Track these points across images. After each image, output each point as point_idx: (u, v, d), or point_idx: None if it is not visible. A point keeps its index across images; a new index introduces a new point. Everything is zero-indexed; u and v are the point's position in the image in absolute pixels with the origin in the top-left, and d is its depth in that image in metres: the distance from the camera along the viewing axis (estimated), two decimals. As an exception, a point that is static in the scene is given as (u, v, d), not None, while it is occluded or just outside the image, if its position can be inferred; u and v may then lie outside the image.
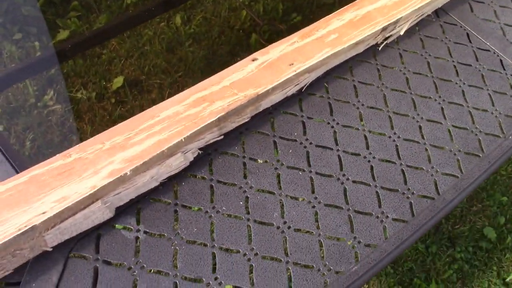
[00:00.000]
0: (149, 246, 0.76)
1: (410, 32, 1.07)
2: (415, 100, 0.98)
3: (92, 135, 1.93)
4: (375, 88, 0.98)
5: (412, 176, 0.89)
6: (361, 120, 0.94)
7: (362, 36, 0.95)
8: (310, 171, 0.87)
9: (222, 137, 0.85)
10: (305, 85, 0.94)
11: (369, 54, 1.02)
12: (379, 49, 1.03)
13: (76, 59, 2.08)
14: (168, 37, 2.19)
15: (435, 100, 0.99)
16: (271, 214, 0.81)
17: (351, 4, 1.00)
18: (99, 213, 0.73)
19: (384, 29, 0.98)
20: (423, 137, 0.94)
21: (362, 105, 0.96)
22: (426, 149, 0.93)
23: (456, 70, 1.05)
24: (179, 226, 0.78)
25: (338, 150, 0.90)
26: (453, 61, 1.05)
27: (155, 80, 2.07)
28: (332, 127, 0.92)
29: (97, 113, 1.97)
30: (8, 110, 1.92)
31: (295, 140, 0.89)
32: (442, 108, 0.98)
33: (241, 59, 2.15)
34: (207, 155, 0.85)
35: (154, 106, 0.81)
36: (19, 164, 0.79)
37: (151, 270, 0.74)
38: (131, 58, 2.12)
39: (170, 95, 2.08)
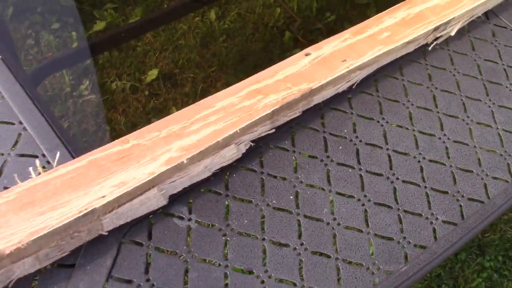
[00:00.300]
0: (200, 235, 0.76)
1: (460, 33, 1.06)
2: (465, 102, 0.97)
3: (125, 126, 1.95)
4: (425, 88, 0.97)
5: (462, 179, 0.88)
6: (411, 119, 0.93)
7: (414, 35, 0.94)
8: (360, 169, 0.86)
9: (273, 130, 0.85)
10: (356, 82, 0.93)
11: (419, 54, 1.01)
12: (429, 49, 1.02)
13: (112, 50, 2.10)
14: (202, 32, 2.20)
15: (485, 103, 0.98)
16: (321, 210, 0.81)
17: (403, 2, 0.99)
18: (154, 200, 0.73)
19: (436, 29, 0.97)
20: (473, 140, 0.93)
21: (412, 104, 0.95)
22: (476, 152, 0.92)
23: (506, 74, 1.03)
24: (230, 217, 0.78)
25: (387, 149, 0.89)
26: (503, 64, 1.04)
27: (188, 74, 2.08)
28: (382, 125, 0.91)
29: (131, 104, 1.99)
30: (45, 98, 1.94)
31: (345, 137, 0.89)
32: (492, 112, 0.97)
33: (274, 56, 2.14)
34: (258, 148, 0.85)
35: (209, 97, 0.81)
36: (74, 150, 0.80)
37: (202, 260, 0.74)
38: (166, 52, 2.13)
39: (203, 89, 2.10)
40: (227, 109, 0.79)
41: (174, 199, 0.78)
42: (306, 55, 0.88)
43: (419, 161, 0.89)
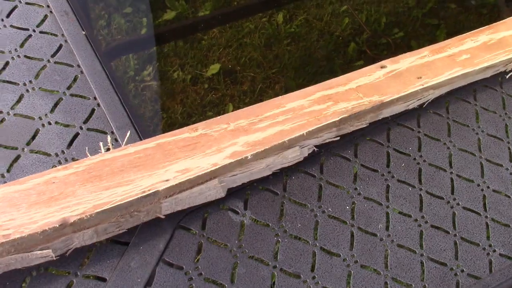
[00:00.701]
0: (253, 232, 0.76)
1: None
2: (536, 135, 0.94)
3: (181, 115, 1.98)
4: (498, 116, 0.95)
5: (526, 214, 0.85)
6: (479, 146, 0.91)
7: (494, 61, 0.91)
8: (421, 189, 0.84)
9: (338, 138, 0.84)
10: (427, 101, 0.91)
11: (495, 81, 0.98)
12: (507, 77, 0.99)
13: (178, 41, 2.14)
14: (268, 33, 2.21)
15: None
16: (376, 225, 0.80)
17: (487, 26, 0.97)
18: (213, 190, 0.74)
19: (518, 57, 0.94)
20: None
21: (482, 131, 0.92)
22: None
23: None
24: (284, 219, 0.78)
25: (451, 172, 0.87)
26: None
27: (249, 73, 2.09)
28: (448, 148, 0.89)
29: (189, 95, 2.02)
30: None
31: (409, 155, 0.87)
32: None
33: (335, 65, 2.12)
34: (321, 154, 0.85)
35: (280, 96, 0.82)
36: (141, 131, 0.81)
37: (252, 256, 0.74)
38: (230, 48, 2.15)
39: (261, 89, 2.11)
40: (297, 111, 0.79)
41: (232, 192, 0.78)
42: (382, 67, 0.87)
43: (482, 190, 0.86)
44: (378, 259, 0.77)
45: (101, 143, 0.75)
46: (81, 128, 0.80)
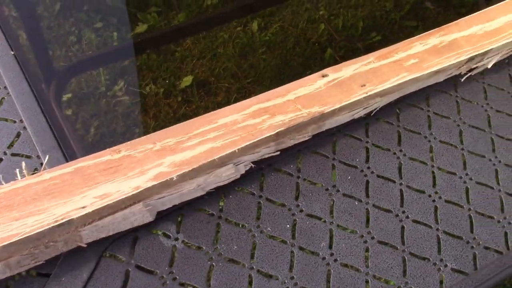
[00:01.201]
0: (185, 257, 0.72)
1: (498, 66, 0.98)
2: (495, 141, 0.89)
3: (154, 130, 1.94)
4: (452, 122, 0.90)
5: (480, 225, 0.81)
6: (431, 154, 0.86)
7: (445, 64, 0.87)
8: (367, 203, 0.80)
9: (278, 153, 0.80)
10: (375, 109, 0.87)
11: (450, 85, 0.94)
12: (462, 80, 0.95)
13: (150, 53, 2.11)
14: (242, 42, 2.17)
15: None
16: (318, 243, 0.76)
17: (437, 29, 0.93)
18: (139, 215, 0.70)
19: (470, 59, 0.90)
20: (498, 183, 0.85)
21: (435, 138, 0.88)
22: (500, 197, 0.84)
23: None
24: (220, 241, 0.74)
25: (401, 184, 0.82)
26: (546, 103, 0.95)
27: (223, 84, 2.05)
28: (398, 158, 0.85)
29: (162, 109, 1.98)
30: (79, 95, 1.96)
31: (356, 167, 0.83)
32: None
33: (313, 72, 2.09)
34: (260, 170, 0.80)
35: (212, 112, 0.78)
36: (71, 154, 0.77)
37: (183, 283, 0.70)
38: (203, 59, 2.11)
39: (236, 100, 2.07)
40: (229, 126, 0.75)
41: (163, 216, 0.74)
42: (323, 76, 0.83)
43: (434, 201, 0.82)
44: (320, 281, 0.73)
45: (17, 170, 0.71)
46: (4, 153, 0.76)
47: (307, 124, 0.79)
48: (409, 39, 0.90)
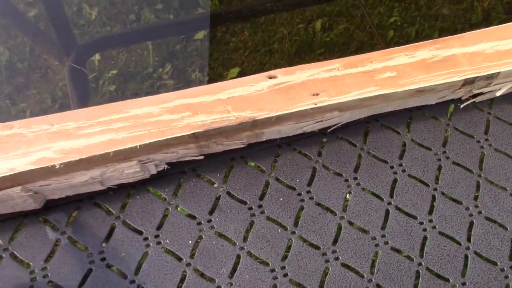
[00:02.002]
0: (64, 254, 0.65)
1: (516, 96, 0.80)
2: (482, 186, 0.72)
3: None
4: (432, 155, 0.74)
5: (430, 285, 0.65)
6: (392, 191, 0.71)
7: (429, 83, 0.71)
8: (293, 232, 0.67)
9: (202, 157, 0.70)
10: (336, 125, 0.74)
11: (443, 110, 0.78)
12: (461, 106, 0.78)
13: (205, 40, 2.07)
14: (301, 40, 2.06)
15: (511, 195, 0.72)
16: (218, 269, 0.65)
17: (433, 40, 0.76)
18: (19, 199, 0.63)
19: (469, 82, 0.73)
20: (469, 239, 0.68)
21: (403, 171, 0.73)
22: (466, 255, 0.67)
23: None
24: (108, 245, 0.66)
25: (342, 218, 0.69)
26: None
27: (271, 81, 1.96)
28: (349, 186, 0.71)
29: (203, 98, 1.93)
30: (125, 73, 1.97)
31: (293, 188, 0.71)
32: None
33: None
34: (181, 173, 0.71)
35: (128, 100, 0.69)
36: None
37: (52, 282, 0.63)
38: (256, 53, 2.03)
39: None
40: (140, 118, 0.67)
41: (56, 206, 0.67)
42: (270, 77, 0.71)
43: (377, 245, 0.67)
44: (206, 312, 0.62)
45: None
46: None
47: (237, 130, 0.68)
48: (393, 48, 0.76)
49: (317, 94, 0.70)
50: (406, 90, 0.71)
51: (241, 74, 1.96)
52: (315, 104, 0.69)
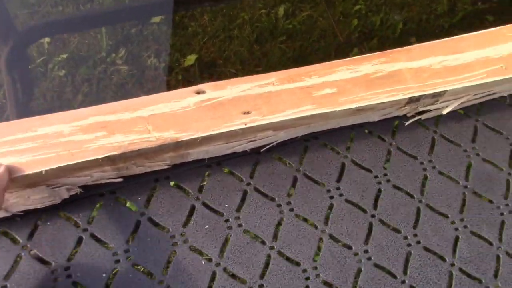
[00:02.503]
0: (-40, 290, 0.58)
1: (463, 113, 0.75)
2: (422, 212, 0.68)
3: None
4: (372, 177, 0.69)
5: (361, 323, 0.61)
6: (328, 217, 0.66)
7: (369, 102, 0.66)
8: (218, 264, 0.62)
9: (120, 179, 0.64)
10: (271, 143, 0.68)
11: (387, 128, 0.73)
12: (406, 124, 0.73)
13: (162, 24, 1.98)
14: (262, 27, 1.98)
15: (452, 222, 0.67)
16: (133, 305, 0.59)
17: (379, 53, 0.71)
18: None
19: (414, 100, 0.68)
20: (405, 272, 0.64)
21: (340, 195, 0.68)
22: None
23: (507, 188, 0.71)
24: (12, 277, 0.59)
25: (272, 248, 0.64)
26: (509, 174, 0.72)
27: (230, 69, 1.89)
28: (281, 212, 0.66)
29: (159, 85, 1.85)
30: (76, 57, 1.87)
31: (221, 214, 0.65)
32: (456, 238, 0.67)
33: None
34: (98, 197, 0.64)
35: (37, 117, 0.62)
36: None
37: None
38: (216, 39, 1.95)
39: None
40: (50, 138, 0.60)
41: (-47, 232, 0.60)
42: (198, 92, 0.65)
43: (307, 278, 0.63)
44: None
45: None
46: None
47: (159, 152, 0.62)
48: (334, 61, 0.70)
49: (248, 112, 0.64)
50: (345, 109, 0.66)
51: (198, 61, 1.88)
52: (245, 124, 0.63)
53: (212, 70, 1.89)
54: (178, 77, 1.87)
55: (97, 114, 0.62)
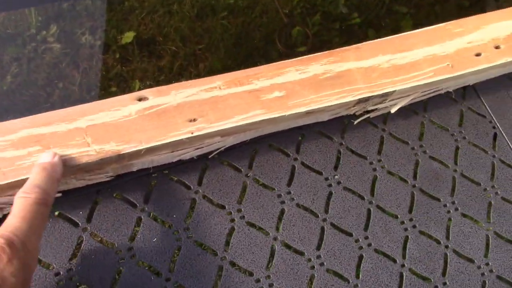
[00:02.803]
0: None
1: (410, 110, 0.75)
2: (373, 214, 0.68)
3: (80, 86, 1.72)
4: (322, 180, 0.68)
5: (314, 331, 0.61)
6: (279, 223, 0.65)
7: (320, 105, 0.64)
8: (168, 279, 0.60)
9: (59, 194, 0.60)
10: (219, 149, 0.65)
11: (336, 127, 0.71)
12: (354, 123, 0.72)
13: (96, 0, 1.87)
14: (203, 2, 1.92)
15: (402, 223, 0.68)
16: (79, 329, 0.56)
17: (327, 52, 0.69)
18: None
19: (363, 100, 0.67)
20: (357, 276, 0.64)
21: (292, 199, 0.66)
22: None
23: (454, 185, 0.72)
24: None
25: (224, 258, 0.62)
26: (455, 171, 0.73)
27: (170, 46, 1.82)
28: (232, 221, 0.64)
29: (95, 64, 1.76)
30: (2, 35, 1.74)
31: (170, 226, 0.62)
32: (405, 238, 0.67)
33: (273, 50, 1.81)
34: (34, 213, 0.60)
35: (-37, 131, 0.56)
36: None
37: None
38: (154, 14, 1.87)
39: (181, 67, 1.84)
40: (-23, 156, 0.54)
41: None
42: (139, 99, 0.61)
43: (258, 280, 0.61)
44: None
45: None
46: None
47: (100, 164, 0.58)
48: (281, 62, 0.67)
49: (194, 120, 0.61)
50: (293, 113, 0.64)
51: (136, 39, 1.80)
52: (192, 133, 0.60)
53: (151, 47, 1.83)
54: (116, 55, 1.79)
55: (30, 126, 0.57)
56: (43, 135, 0.57)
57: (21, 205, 0.48)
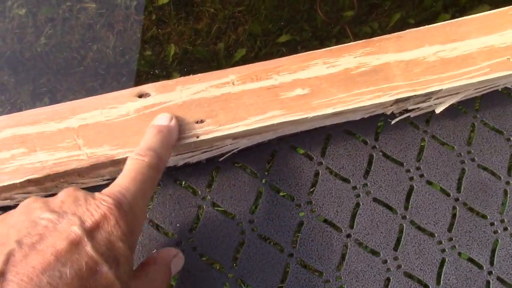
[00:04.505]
0: None
1: (459, 108, 0.64)
2: (405, 230, 0.59)
3: (114, 49, 1.66)
4: (349, 189, 0.60)
5: None
6: (296, 236, 0.57)
7: (349, 106, 0.55)
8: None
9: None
10: (232, 151, 0.58)
11: (369, 127, 0.62)
12: (392, 123, 0.62)
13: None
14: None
15: (439, 243, 0.59)
16: None
17: (364, 41, 0.59)
18: None
19: (402, 100, 0.57)
20: (383, 301, 0.57)
21: (312, 211, 0.58)
22: (378, 324, 0.56)
23: (506, 201, 0.62)
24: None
25: (230, 275, 0.55)
26: (507, 183, 0.62)
27: (209, 8, 1.73)
28: (243, 233, 0.57)
29: (130, 26, 1.70)
30: (34, -5, 1.69)
31: (173, 237, 0.56)
32: (442, 261, 0.58)
33: (317, 14, 1.69)
34: (25, 216, 0.54)
35: None
36: None
37: None
38: (193, -26, 1.77)
39: (219, 30, 1.75)
40: (-42, 158, 0.49)
41: None
42: (140, 96, 0.53)
43: (270, 313, 0.55)
44: None
45: None
46: None
47: (94, 169, 0.52)
48: (307, 53, 0.58)
49: (201, 121, 0.53)
50: (317, 115, 0.55)
51: (173, 0, 1.72)
52: (197, 137, 0.52)
53: (188, 9, 1.74)
54: (152, 17, 1.72)
55: (14, 125, 0.51)
56: (29, 136, 0.51)
57: (132, 166, 0.44)
